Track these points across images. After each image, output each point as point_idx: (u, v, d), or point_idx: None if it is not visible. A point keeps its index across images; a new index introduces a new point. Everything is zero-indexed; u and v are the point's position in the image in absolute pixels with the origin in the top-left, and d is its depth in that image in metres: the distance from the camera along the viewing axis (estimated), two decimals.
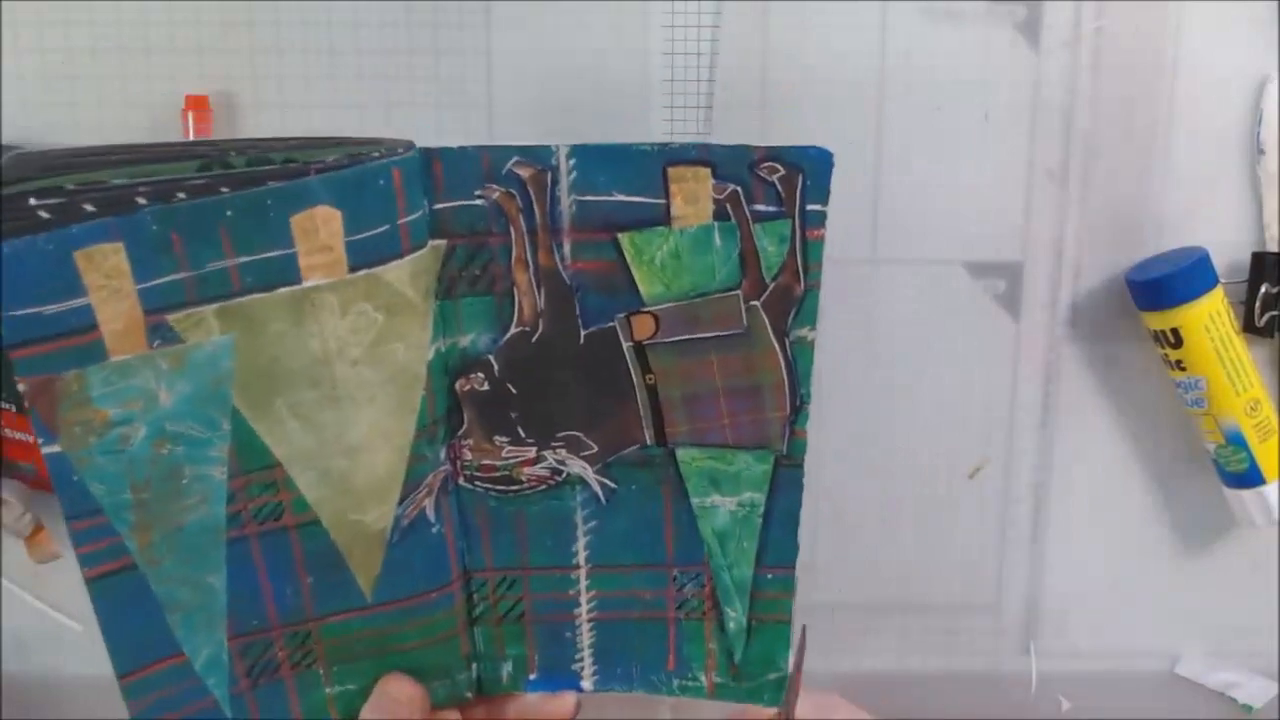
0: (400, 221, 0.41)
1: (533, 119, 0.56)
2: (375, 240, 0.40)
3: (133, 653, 0.42)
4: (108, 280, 0.37)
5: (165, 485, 0.40)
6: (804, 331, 0.44)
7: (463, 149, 0.42)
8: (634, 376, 0.44)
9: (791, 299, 0.44)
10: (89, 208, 0.37)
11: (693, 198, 0.43)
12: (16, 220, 0.36)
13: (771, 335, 0.44)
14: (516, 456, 0.45)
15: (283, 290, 0.39)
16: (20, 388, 0.38)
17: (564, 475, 0.45)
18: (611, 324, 0.44)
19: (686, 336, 0.44)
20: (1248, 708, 0.62)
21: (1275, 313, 0.57)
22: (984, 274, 0.58)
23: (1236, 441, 0.57)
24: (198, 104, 0.54)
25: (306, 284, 0.40)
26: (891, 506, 0.60)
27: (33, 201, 0.37)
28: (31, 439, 0.56)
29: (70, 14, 0.54)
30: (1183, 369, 0.57)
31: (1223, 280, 0.56)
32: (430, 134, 0.56)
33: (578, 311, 0.44)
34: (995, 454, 0.60)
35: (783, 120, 0.56)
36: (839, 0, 0.55)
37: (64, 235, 0.37)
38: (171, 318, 0.39)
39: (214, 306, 0.39)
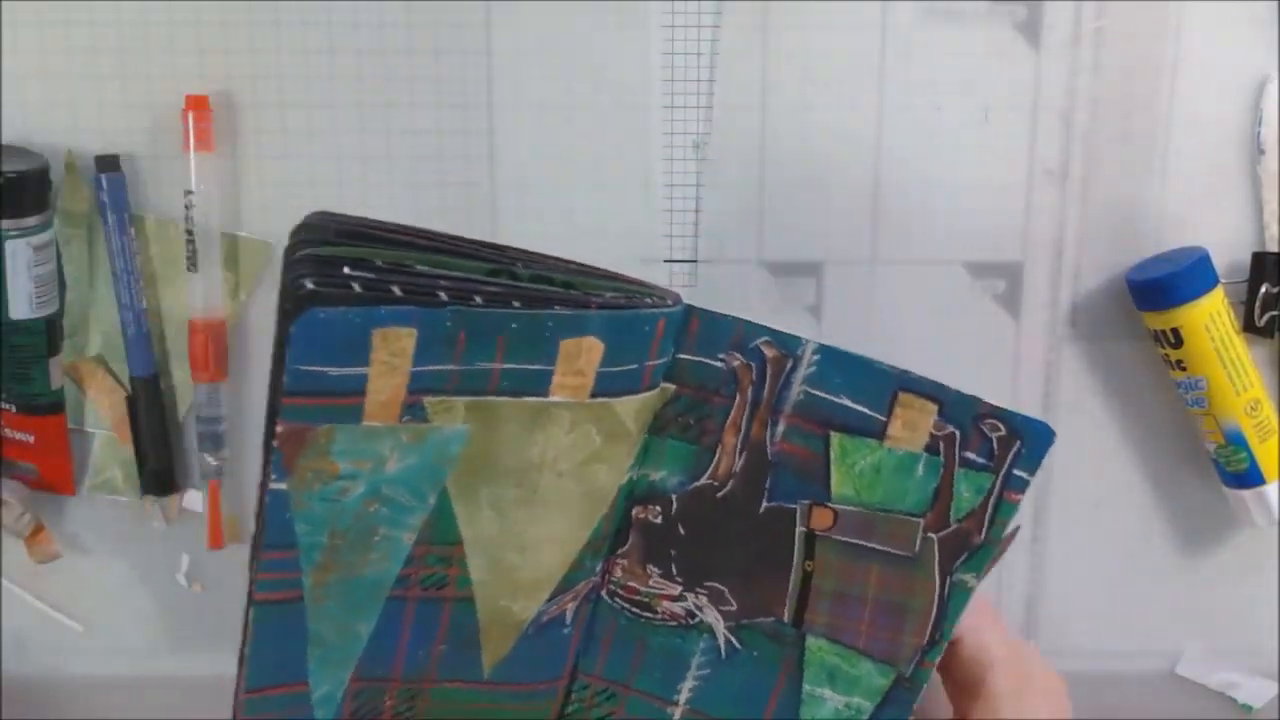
0: (648, 363, 0.43)
1: (532, 119, 0.56)
2: (622, 375, 0.42)
3: (266, 672, 0.43)
4: (391, 358, 0.39)
5: (359, 538, 0.41)
6: (968, 577, 0.46)
7: (723, 316, 0.44)
8: (795, 558, 0.46)
9: (968, 544, 0.45)
10: (396, 290, 0.38)
11: (913, 425, 0.44)
12: (327, 285, 0.38)
13: (936, 568, 0.46)
14: (661, 589, 0.47)
15: (529, 399, 0.41)
16: (278, 429, 0.39)
17: (696, 620, 0.47)
18: (793, 506, 0.46)
19: (858, 541, 0.46)
20: (1248, 708, 0.62)
21: (1275, 313, 0.57)
22: (984, 274, 0.58)
23: (1236, 441, 0.57)
24: (198, 104, 0.54)
25: (550, 399, 0.41)
26: None
27: (347, 270, 0.38)
28: (32, 439, 0.56)
29: (70, 14, 0.54)
30: (1183, 369, 0.57)
31: (1223, 280, 0.56)
32: (430, 134, 0.56)
33: (767, 484, 0.46)
34: None
35: (782, 120, 0.56)
36: (839, 0, 0.55)
37: (371, 314, 0.38)
38: (428, 400, 0.40)
39: (467, 399, 0.41)
